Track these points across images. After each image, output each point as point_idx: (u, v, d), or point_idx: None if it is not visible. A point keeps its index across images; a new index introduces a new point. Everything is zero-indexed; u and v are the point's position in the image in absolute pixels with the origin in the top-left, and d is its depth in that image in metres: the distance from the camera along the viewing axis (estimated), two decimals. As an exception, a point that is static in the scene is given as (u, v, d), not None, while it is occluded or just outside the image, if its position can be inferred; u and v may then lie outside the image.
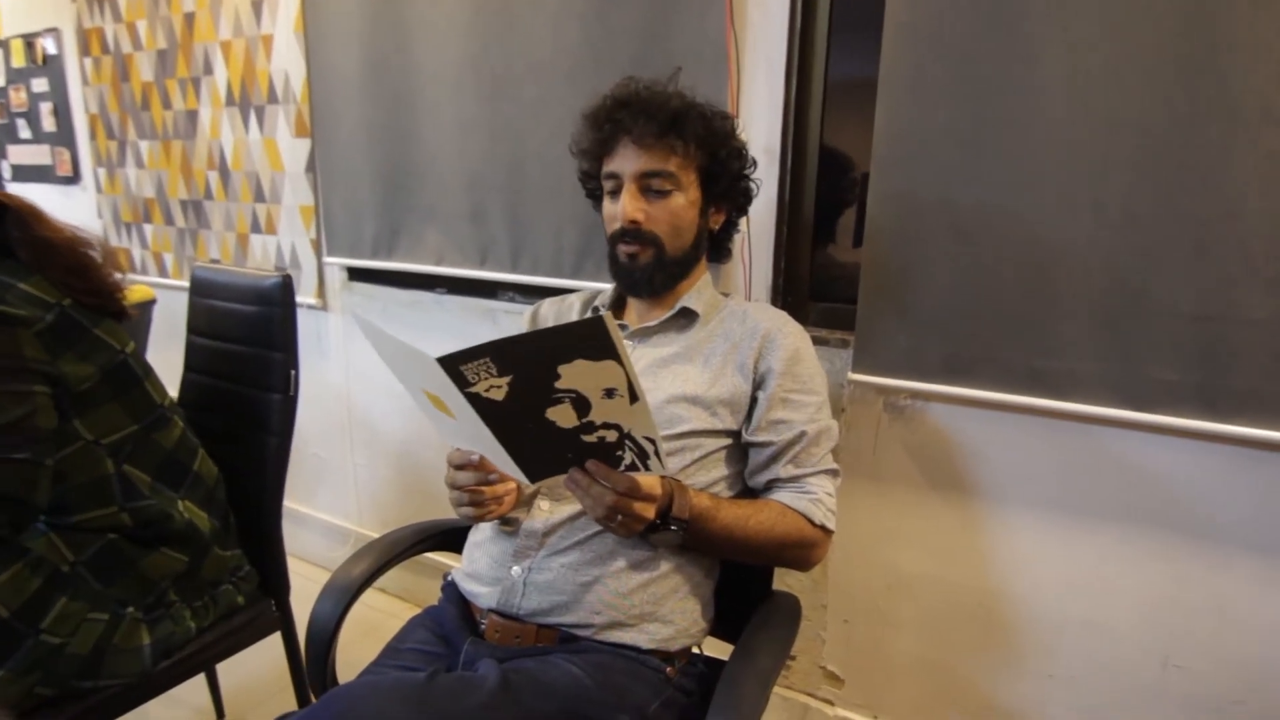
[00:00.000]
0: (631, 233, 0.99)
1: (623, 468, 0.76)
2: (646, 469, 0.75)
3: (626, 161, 0.99)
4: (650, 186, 0.98)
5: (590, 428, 0.71)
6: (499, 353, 0.64)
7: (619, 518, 0.79)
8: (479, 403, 0.68)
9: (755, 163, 1.09)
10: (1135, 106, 0.99)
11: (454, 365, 0.65)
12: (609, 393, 0.67)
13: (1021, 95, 1.05)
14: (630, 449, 0.73)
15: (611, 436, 0.72)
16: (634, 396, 0.67)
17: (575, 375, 0.66)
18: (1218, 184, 0.96)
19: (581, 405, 0.68)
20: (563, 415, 0.69)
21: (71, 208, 2.59)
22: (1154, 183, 1.00)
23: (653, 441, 0.73)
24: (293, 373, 1.24)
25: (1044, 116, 1.04)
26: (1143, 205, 1.01)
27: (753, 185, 1.09)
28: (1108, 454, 1.12)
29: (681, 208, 1.00)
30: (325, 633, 0.93)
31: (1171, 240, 1.00)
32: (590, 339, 0.63)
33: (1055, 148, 1.04)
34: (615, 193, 1.01)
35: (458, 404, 0.70)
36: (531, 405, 0.69)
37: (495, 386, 0.66)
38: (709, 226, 1.06)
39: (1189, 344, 1.01)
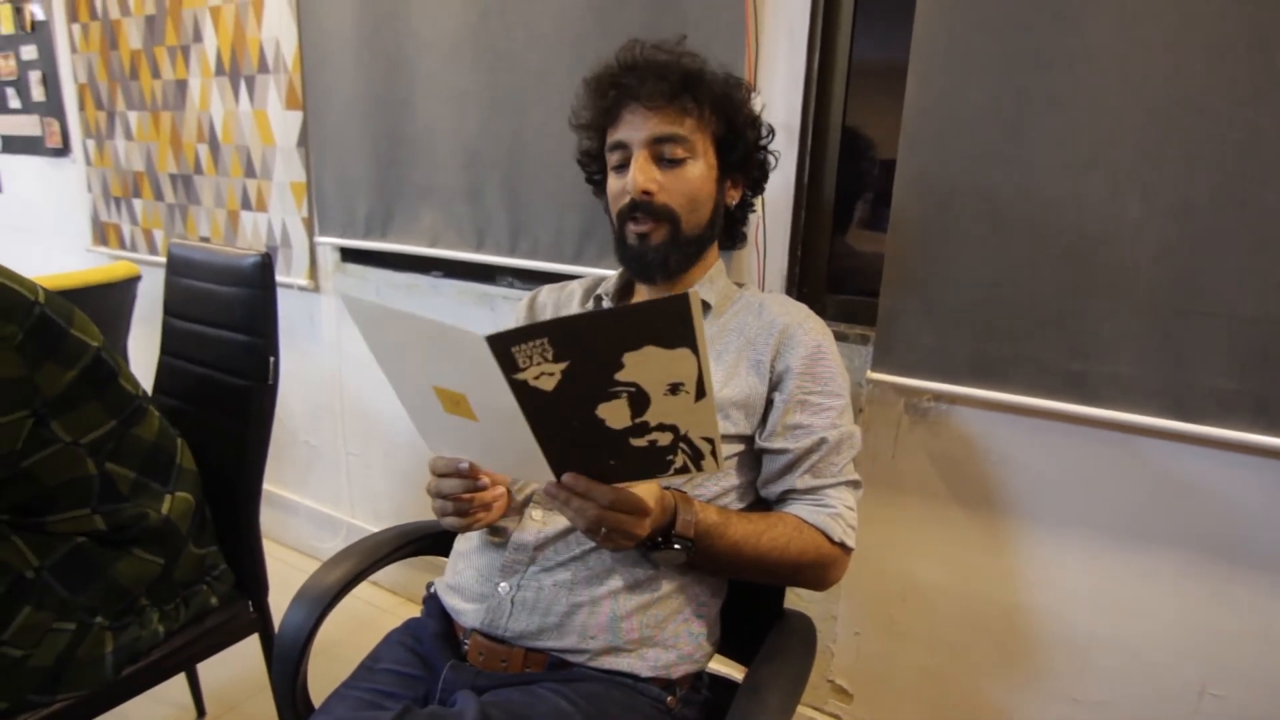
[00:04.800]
0: (643, 206, 0.90)
1: (672, 470, 0.67)
2: (699, 469, 0.66)
3: (635, 128, 0.90)
4: (663, 154, 0.89)
5: (643, 429, 0.62)
6: (560, 333, 0.56)
7: (604, 530, 0.70)
8: (524, 392, 0.59)
9: (773, 131, 1.00)
10: (1196, 84, 0.90)
11: (505, 345, 0.56)
12: (674, 388, 0.59)
13: (1069, 69, 0.96)
14: (684, 451, 0.65)
15: (665, 439, 0.63)
16: (701, 392, 0.59)
17: (640, 365, 0.57)
18: (1285, 172, 0.87)
19: (639, 402, 0.60)
20: (615, 413, 0.61)
21: (62, 181, 2.51)
22: (1213, 169, 0.91)
23: (710, 441, 0.64)
24: (272, 360, 1.15)
25: (1093, 93, 0.95)
26: (1200, 194, 0.92)
27: (770, 157, 1.01)
28: (1148, 466, 1.04)
29: (699, 177, 0.91)
30: (295, 647, 0.85)
31: (1230, 233, 0.91)
32: (671, 321, 0.55)
33: (1104, 128, 0.95)
34: (622, 166, 0.91)
35: (488, 399, 0.61)
36: (584, 398, 0.60)
37: (547, 374, 0.58)
38: (725, 202, 0.97)
39: (1245, 349, 0.93)
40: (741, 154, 0.94)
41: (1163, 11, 0.90)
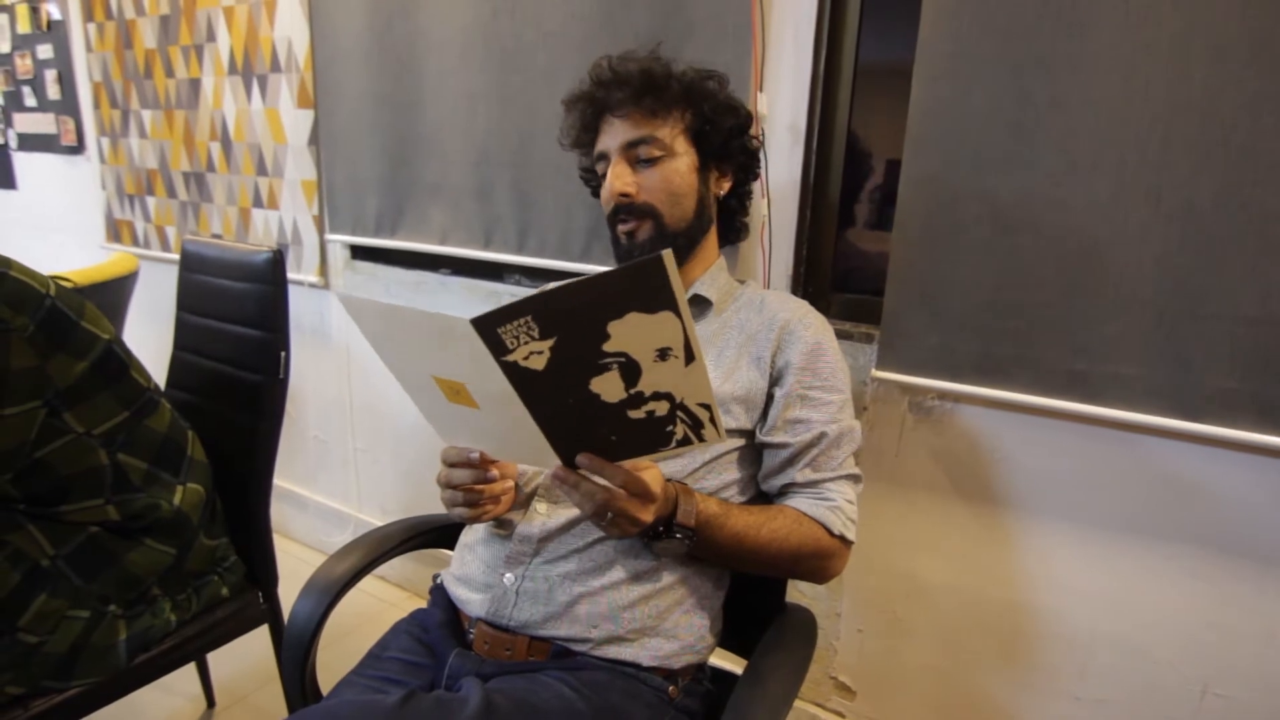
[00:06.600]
0: (625, 207, 0.93)
1: (674, 443, 0.68)
2: (701, 439, 0.68)
3: (611, 137, 0.94)
4: (638, 157, 0.93)
5: (639, 400, 0.63)
6: (543, 308, 0.57)
7: (609, 515, 0.72)
8: (516, 374, 0.60)
9: (750, 116, 1.02)
10: (1199, 87, 0.91)
11: (490, 327, 0.58)
12: (662, 354, 0.60)
13: (1073, 72, 0.97)
14: (683, 421, 0.66)
15: (662, 409, 0.64)
16: (690, 356, 0.60)
17: (626, 333, 0.59)
18: (1288, 174, 0.88)
19: (630, 372, 0.61)
20: (608, 386, 0.62)
21: (76, 178, 2.54)
22: (1217, 172, 0.91)
23: (707, 408, 0.65)
24: (283, 354, 1.17)
25: (1097, 96, 0.96)
26: (1203, 196, 0.92)
27: (754, 142, 1.02)
28: (1151, 465, 1.04)
29: (676, 172, 0.93)
30: (304, 635, 0.87)
31: (1234, 235, 0.92)
32: (647, 284, 0.56)
33: (1108, 131, 0.96)
34: (607, 175, 0.95)
35: (485, 385, 0.62)
36: (575, 374, 0.61)
37: (536, 353, 0.59)
38: (714, 192, 0.99)
39: (1248, 349, 0.93)
40: (720, 143, 0.97)
41: (1167, 15, 0.90)
